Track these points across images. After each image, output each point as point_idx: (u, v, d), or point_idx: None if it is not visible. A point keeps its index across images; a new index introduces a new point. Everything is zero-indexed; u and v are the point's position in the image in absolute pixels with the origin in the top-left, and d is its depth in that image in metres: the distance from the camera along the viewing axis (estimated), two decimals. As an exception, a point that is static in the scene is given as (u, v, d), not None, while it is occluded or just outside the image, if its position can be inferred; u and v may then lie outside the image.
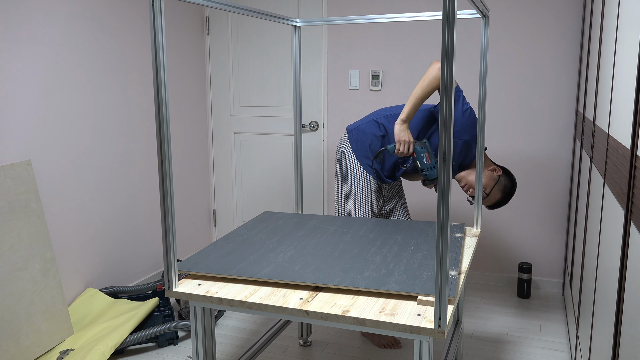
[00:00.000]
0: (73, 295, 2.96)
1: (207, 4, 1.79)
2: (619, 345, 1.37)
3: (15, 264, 2.46)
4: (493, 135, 3.49)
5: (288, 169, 4.00)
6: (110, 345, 2.50)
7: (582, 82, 2.97)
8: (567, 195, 3.42)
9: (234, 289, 1.78)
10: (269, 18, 2.27)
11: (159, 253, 3.60)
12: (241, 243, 2.16)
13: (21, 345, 2.43)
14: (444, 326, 1.47)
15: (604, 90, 2.00)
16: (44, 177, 2.76)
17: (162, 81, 1.60)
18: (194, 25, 3.86)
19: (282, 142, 3.97)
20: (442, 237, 1.41)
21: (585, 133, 2.54)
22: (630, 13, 1.48)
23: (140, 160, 3.39)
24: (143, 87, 3.37)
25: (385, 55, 3.64)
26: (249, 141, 4.06)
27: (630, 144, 1.35)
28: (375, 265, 1.90)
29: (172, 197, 1.69)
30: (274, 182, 4.04)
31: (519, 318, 3.13)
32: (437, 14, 2.37)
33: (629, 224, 1.33)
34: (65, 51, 2.82)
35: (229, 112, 4.06)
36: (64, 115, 2.85)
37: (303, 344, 2.81)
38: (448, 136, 1.35)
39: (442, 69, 1.33)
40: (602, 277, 1.72)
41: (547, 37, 3.31)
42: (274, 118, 3.96)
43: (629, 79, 1.43)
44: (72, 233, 2.93)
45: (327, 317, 1.61)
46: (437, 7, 3.48)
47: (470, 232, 2.41)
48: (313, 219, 2.51)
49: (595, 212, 2.03)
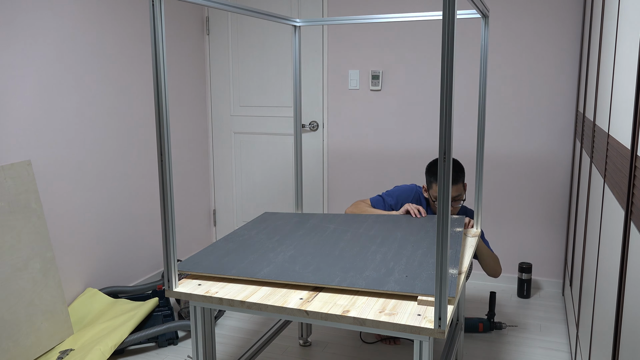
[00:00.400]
0: (73, 295, 2.96)
1: (207, 4, 1.79)
2: (619, 345, 1.37)
3: (15, 264, 2.46)
4: (493, 135, 3.49)
5: (288, 169, 4.00)
6: (110, 346, 2.50)
7: (582, 82, 2.97)
8: (567, 195, 3.42)
9: (233, 289, 1.78)
10: (269, 18, 2.27)
11: (159, 253, 3.60)
12: (241, 243, 2.16)
13: (21, 345, 2.43)
14: (444, 326, 1.47)
15: (604, 90, 2.00)
16: (44, 177, 2.76)
17: (162, 81, 1.60)
18: (194, 25, 3.86)
19: (282, 142, 3.97)
20: (442, 237, 1.41)
21: (585, 133, 2.54)
22: (630, 13, 1.48)
23: (140, 160, 3.39)
24: (143, 87, 3.37)
25: (385, 55, 3.64)
26: (249, 141, 4.06)
27: (630, 144, 1.35)
28: (375, 264, 1.90)
29: (172, 197, 1.69)
30: (274, 182, 4.04)
31: (519, 318, 3.13)
32: (437, 14, 2.37)
33: (629, 224, 1.33)
34: (65, 51, 2.82)
35: (229, 112, 4.06)
36: (64, 115, 2.84)
37: (303, 344, 2.81)
38: (448, 136, 1.35)
39: (442, 69, 1.33)
40: (602, 277, 1.72)
41: (547, 37, 3.31)
42: (274, 118, 3.96)
43: (629, 79, 1.43)
44: (72, 233, 2.93)
45: (327, 317, 1.60)
46: (437, 7, 3.48)
47: (471, 232, 2.41)
48: (313, 217, 2.50)
49: (595, 212, 2.03)
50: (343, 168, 3.85)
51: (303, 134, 3.90)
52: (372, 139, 3.75)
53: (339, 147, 3.83)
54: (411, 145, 3.67)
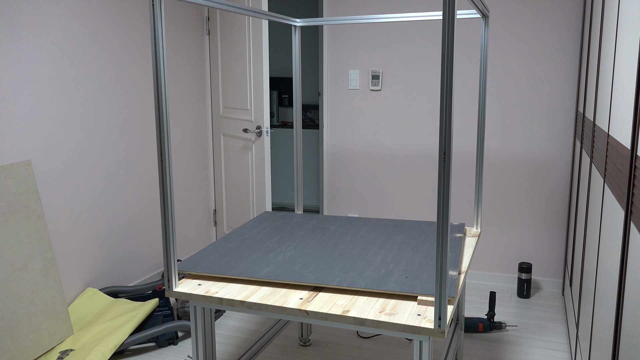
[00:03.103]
0: (73, 295, 2.96)
1: (207, 4, 1.79)
2: (619, 345, 1.37)
3: (15, 264, 2.46)
4: (493, 135, 3.49)
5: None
6: (111, 347, 2.50)
7: (582, 82, 2.97)
8: (567, 195, 3.42)
9: (233, 289, 1.78)
10: (269, 18, 2.27)
11: (159, 253, 3.60)
12: (241, 243, 2.16)
13: (21, 345, 2.43)
14: (443, 326, 1.47)
15: (604, 90, 2.00)
16: (44, 177, 2.76)
17: (162, 81, 1.60)
18: (194, 25, 3.86)
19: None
20: (442, 237, 1.41)
21: (585, 133, 2.54)
22: (630, 13, 1.48)
23: (140, 160, 3.39)
24: (143, 87, 3.37)
25: (385, 55, 3.64)
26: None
27: (630, 144, 1.35)
28: (375, 265, 1.90)
29: (172, 197, 1.69)
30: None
31: (519, 318, 3.13)
32: (437, 14, 2.37)
33: (629, 224, 1.33)
34: (65, 51, 2.82)
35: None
36: (64, 115, 2.85)
37: (303, 344, 2.81)
38: (448, 136, 1.35)
39: (442, 69, 1.33)
40: (602, 277, 1.72)
41: (547, 37, 3.31)
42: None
43: (629, 79, 1.43)
44: (72, 233, 2.93)
45: (327, 317, 1.60)
46: (437, 7, 3.48)
47: (470, 232, 2.41)
48: (313, 218, 2.51)
49: (595, 212, 2.03)
50: (343, 168, 3.85)
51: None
52: (372, 139, 3.75)
53: (339, 147, 3.83)
54: (411, 145, 3.67)
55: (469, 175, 3.58)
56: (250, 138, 3.52)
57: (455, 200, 3.63)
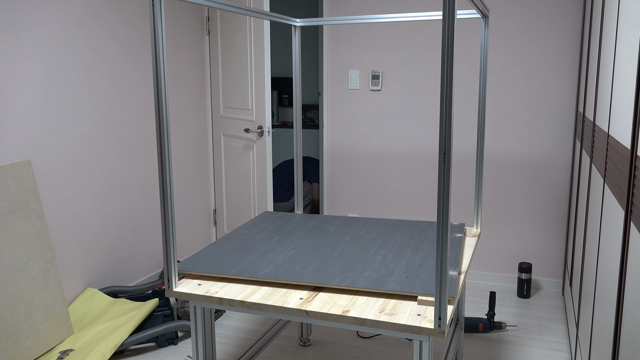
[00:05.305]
0: (73, 295, 2.96)
1: (207, 4, 1.79)
2: (619, 345, 1.37)
3: (15, 264, 2.46)
4: (493, 135, 3.49)
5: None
6: (111, 347, 2.50)
7: (582, 82, 2.97)
8: (567, 195, 3.42)
9: (233, 289, 1.78)
10: (269, 18, 2.27)
11: (159, 253, 3.60)
12: (241, 243, 2.16)
13: (21, 345, 2.43)
14: (443, 326, 1.47)
15: (604, 90, 2.00)
16: (44, 177, 2.76)
17: (162, 81, 1.60)
18: (194, 25, 3.86)
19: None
20: (442, 237, 1.41)
21: (585, 133, 2.54)
22: (630, 13, 1.48)
23: (140, 160, 3.39)
24: (143, 87, 3.37)
25: (385, 55, 3.64)
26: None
27: (630, 144, 1.35)
28: (375, 265, 1.90)
29: (172, 197, 1.69)
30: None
31: (519, 318, 3.13)
32: (437, 14, 2.37)
33: (629, 224, 1.33)
34: (65, 51, 2.82)
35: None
36: (64, 115, 2.85)
37: (303, 344, 2.81)
38: (448, 136, 1.35)
39: (442, 69, 1.33)
40: (602, 277, 1.72)
41: (547, 37, 3.31)
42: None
43: (629, 78, 1.43)
44: (72, 233, 2.93)
45: (327, 317, 1.60)
46: (437, 7, 3.48)
47: (470, 232, 2.41)
48: (313, 219, 2.51)
49: (595, 212, 2.03)
50: (343, 168, 3.85)
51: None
52: (372, 139, 3.75)
53: (339, 147, 3.83)
54: (411, 145, 3.67)
55: (469, 175, 3.58)
56: (251, 138, 3.52)
57: (455, 200, 3.63)
